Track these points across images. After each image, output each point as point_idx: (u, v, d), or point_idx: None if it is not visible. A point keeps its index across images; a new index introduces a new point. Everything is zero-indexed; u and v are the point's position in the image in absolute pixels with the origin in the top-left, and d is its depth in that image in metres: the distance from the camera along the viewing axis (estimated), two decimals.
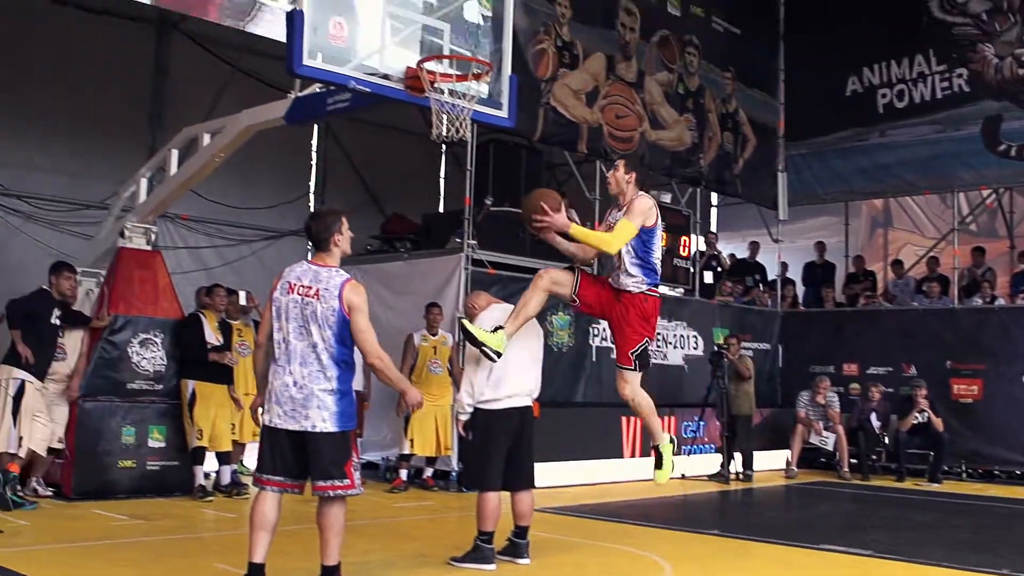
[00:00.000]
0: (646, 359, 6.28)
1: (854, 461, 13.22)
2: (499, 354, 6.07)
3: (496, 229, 11.32)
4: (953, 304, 14.41)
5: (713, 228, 17.53)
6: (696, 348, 13.90)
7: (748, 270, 16.24)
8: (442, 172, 15.86)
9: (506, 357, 6.18)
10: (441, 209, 15.14)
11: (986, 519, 10.17)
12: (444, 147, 14.82)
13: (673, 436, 6.78)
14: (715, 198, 18.22)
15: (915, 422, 13.08)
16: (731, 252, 17.09)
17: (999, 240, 16.54)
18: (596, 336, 12.20)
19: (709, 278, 15.00)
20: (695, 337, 13.94)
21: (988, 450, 13.54)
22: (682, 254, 13.80)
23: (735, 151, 15.20)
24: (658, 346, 13.27)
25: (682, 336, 13.75)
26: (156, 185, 9.86)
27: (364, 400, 10.19)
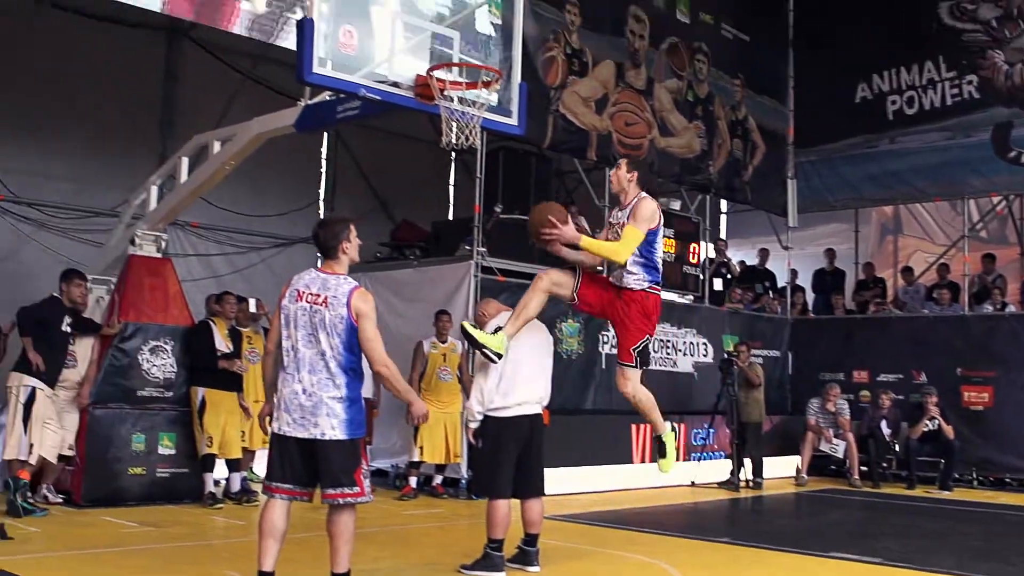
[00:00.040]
0: (647, 356, 6.33)
1: (864, 468, 13.17)
2: (499, 355, 6.07)
3: (506, 236, 11.29)
4: (963, 311, 14.35)
5: (723, 235, 17.53)
6: (706, 355, 13.88)
7: (758, 277, 16.24)
8: (452, 179, 15.89)
9: (516, 364, 6.18)
10: (451, 216, 15.13)
11: (997, 527, 10.11)
12: (454, 155, 14.85)
13: (674, 425, 6.79)
14: (725, 205, 18.20)
15: (926, 429, 13.05)
16: (741, 259, 17.06)
17: (1010, 247, 16.52)
18: (605, 343, 12.17)
19: (719, 285, 14.99)
20: (705, 344, 13.92)
21: (999, 458, 13.50)
22: (692, 261, 13.81)
23: (744, 158, 15.19)
24: (668, 353, 13.28)
25: (692, 343, 13.74)
26: (166, 193, 9.90)
27: (374, 407, 10.17)
